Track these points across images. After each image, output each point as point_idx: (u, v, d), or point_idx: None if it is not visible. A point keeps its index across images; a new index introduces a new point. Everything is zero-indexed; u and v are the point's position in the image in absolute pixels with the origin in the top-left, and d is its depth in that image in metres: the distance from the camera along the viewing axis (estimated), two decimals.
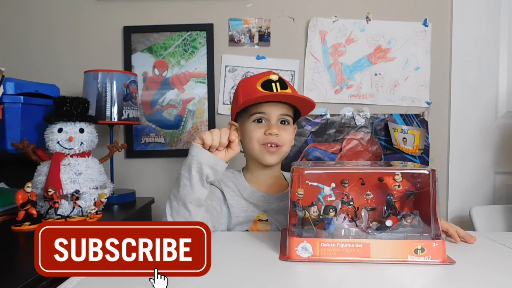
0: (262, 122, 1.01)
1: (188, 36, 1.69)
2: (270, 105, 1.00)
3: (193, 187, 0.80)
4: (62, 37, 1.71)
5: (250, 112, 1.02)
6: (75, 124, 1.21)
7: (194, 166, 0.79)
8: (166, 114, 1.69)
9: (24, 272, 0.74)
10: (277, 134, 0.99)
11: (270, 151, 1.00)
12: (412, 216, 0.73)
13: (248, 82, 1.05)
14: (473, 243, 0.85)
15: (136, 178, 1.70)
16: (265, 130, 0.99)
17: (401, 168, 0.79)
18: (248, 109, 1.02)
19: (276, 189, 1.07)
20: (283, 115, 1.02)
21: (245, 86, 1.05)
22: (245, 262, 0.73)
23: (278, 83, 0.99)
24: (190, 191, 0.80)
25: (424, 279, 0.66)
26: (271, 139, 0.99)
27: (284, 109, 1.02)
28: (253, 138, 1.01)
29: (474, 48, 1.68)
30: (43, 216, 1.12)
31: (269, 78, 1.00)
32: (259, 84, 1.00)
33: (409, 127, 1.67)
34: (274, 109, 1.00)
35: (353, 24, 1.68)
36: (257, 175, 1.08)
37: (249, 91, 1.00)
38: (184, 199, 0.80)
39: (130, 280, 0.65)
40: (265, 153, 1.00)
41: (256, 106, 1.01)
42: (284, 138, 1.01)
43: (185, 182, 0.80)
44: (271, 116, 1.00)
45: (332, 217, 0.73)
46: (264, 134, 1.00)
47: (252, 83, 1.01)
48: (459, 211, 1.69)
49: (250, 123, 1.02)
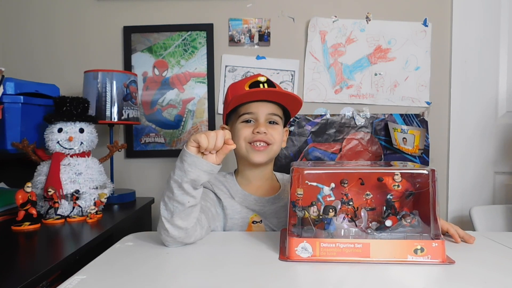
0: (250, 122, 1.03)
1: (188, 36, 1.69)
2: (257, 105, 1.02)
3: (186, 192, 0.77)
4: (62, 37, 1.71)
5: (239, 113, 1.03)
6: (75, 124, 1.21)
7: (190, 174, 0.76)
8: (166, 114, 1.70)
9: (24, 272, 0.74)
10: (265, 133, 1.00)
11: (256, 150, 1.01)
12: (411, 216, 0.73)
13: (236, 85, 1.07)
14: (472, 243, 0.85)
15: (136, 178, 1.70)
16: (253, 129, 1.01)
17: (400, 168, 0.79)
18: (237, 110, 1.04)
19: (268, 191, 1.07)
20: (271, 115, 1.03)
21: (234, 88, 1.06)
22: (245, 262, 0.73)
23: (265, 84, 1.01)
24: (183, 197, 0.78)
25: (424, 279, 0.66)
26: (258, 137, 1.00)
27: (272, 108, 1.03)
28: (240, 136, 1.02)
29: (474, 48, 1.68)
30: (43, 216, 1.12)
31: (257, 79, 1.02)
32: (247, 85, 1.01)
33: (409, 127, 1.67)
34: (262, 109, 1.02)
35: (353, 24, 1.68)
36: (248, 177, 1.08)
37: (237, 93, 1.02)
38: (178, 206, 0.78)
39: (130, 280, 0.65)
40: (252, 152, 1.01)
41: (244, 107, 1.02)
42: (274, 136, 1.02)
43: (177, 191, 0.77)
44: (259, 115, 1.02)
45: (332, 217, 0.73)
46: (252, 133, 1.01)
47: (241, 85, 1.03)
48: (459, 211, 1.69)
49: (239, 123, 1.03)
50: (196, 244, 0.84)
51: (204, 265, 0.73)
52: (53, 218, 1.11)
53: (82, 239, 0.97)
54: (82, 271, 0.69)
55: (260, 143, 1.01)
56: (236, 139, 1.02)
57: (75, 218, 1.13)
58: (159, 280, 0.65)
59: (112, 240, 0.94)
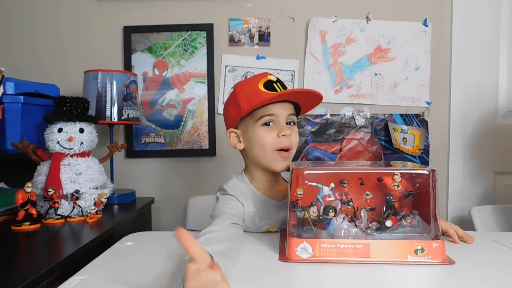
0: (270, 125, 0.93)
1: (188, 36, 1.69)
2: (277, 106, 0.92)
3: None
4: (62, 37, 1.71)
5: (257, 116, 0.92)
6: (75, 124, 1.21)
7: None
8: (166, 114, 1.69)
9: (24, 272, 0.74)
10: (290, 135, 0.93)
11: (283, 157, 0.92)
12: (411, 216, 0.73)
13: (247, 85, 0.96)
14: (471, 243, 0.85)
15: (136, 178, 1.70)
16: (278, 132, 0.91)
17: (400, 168, 0.79)
18: (254, 113, 0.93)
19: (283, 194, 1.00)
20: (290, 115, 0.95)
21: (245, 89, 0.95)
22: (245, 263, 0.73)
23: (278, 83, 0.95)
24: None
25: (424, 279, 0.66)
26: (284, 143, 0.92)
27: (290, 109, 0.96)
28: (266, 143, 0.92)
29: (474, 48, 1.68)
30: (43, 216, 1.12)
31: (269, 79, 0.94)
32: (261, 85, 0.92)
33: (409, 127, 1.67)
34: (283, 110, 0.93)
35: (353, 24, 1.68)
36: (264, 182, 0.99)
37: (252, 94, 0.92)
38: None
39: (130, 280, 0.65)
40: (278, 160, 0.92)
41: (264, 109, 0.92)
42: (295, 139, 0.95)
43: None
44: (280, 117, 0.93)
45: (332, 217, 0.73)
46: (278, 136, 0.91)
47: (252, 85, 0.94)
48: (459, 211, 1.69)
49: (259, 127, 0.92)
50: None
51: None
52: (53, 218, 1.11)
53: (82, 239, 0.97)
54: (82, 271, 0.69)
55: (285, 148, 0.92)
56: (258, 146, 0.93)
57: (75, 218, 1.13)
58: (159, 280, 0.65)
59: (112, 240, 0.94)
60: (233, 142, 0.98)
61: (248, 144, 0.96)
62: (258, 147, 0.93)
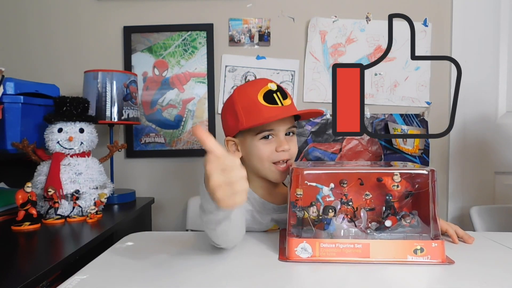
0: (269, 138, 0.93)
1: (188, 36, 1.69)
2: (277, 122, 0.92)
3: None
4: (62, 37, 1.71)
5: (256, 130, 0.92)
6: (75, 124, 1.21)
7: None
8: (166, 114, 1.70)
9: (24, 272, 0.74)
10: (289, 149, 0.94)
11: (281, 171, 0.93)
12: (411, 216, 0.73)
13: (246, 96, 0.94)
14: (471, 243, 0.85)
15: (136, 178, 1.70)
16: (276, 146, 0.92)
17: (400, 168, 0.79)
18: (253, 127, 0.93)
19: (283, 198, 1.01)
20: (289, 128, 0.96)
21: (244, 100, 0.94)
22: (245, 262, 0.73)
23: (279, 93, 0.94)
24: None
25: (424, 279, 0.66)
26: (282, 156, 0.93)
27: (290, 122, 0.96)
28: (263, 156, 0.93)
29: (474, 48, 1.68)
30: (43, 216, 1.12)
31: (269, 88, 0.93)
32: (261, 96, 0.91)
33: (409, 127, 1.67)
34: (283, 125, 0.93)
35: (353, 24, 1.68)
36: (262, 186, 1.00)
37: (252, 109, 0.91)
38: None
39: (130, 280, 0.65)
40: (276, 173, 0.94)
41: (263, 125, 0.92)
42: (294, 151, 0.96)
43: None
44: (280, 131, 0.93)
45: (331, 217, 0.73)
46: (276, 151, 0.92)
47: (251, 96, 0.92)
48: (459, 211, 1.69)
49: (257, 141, 0.93)
50: (196, 244, 0.84)
51: (204, 265, 0.73)
52: (53, 218, 1.11)
53: (82, 239, 0.97)
54: (82, 271, 0.69)
55: (283, 161, 0.93)
56: (256, 158, 0.94)
57: (75, 218, 1.13)
58: (159, 280, 0.65)
59: (112, 240, 0.94)
60: (231, 150, 0.99)
61: (246, 154, 0.97)
62: (256, 158, 0.94)
